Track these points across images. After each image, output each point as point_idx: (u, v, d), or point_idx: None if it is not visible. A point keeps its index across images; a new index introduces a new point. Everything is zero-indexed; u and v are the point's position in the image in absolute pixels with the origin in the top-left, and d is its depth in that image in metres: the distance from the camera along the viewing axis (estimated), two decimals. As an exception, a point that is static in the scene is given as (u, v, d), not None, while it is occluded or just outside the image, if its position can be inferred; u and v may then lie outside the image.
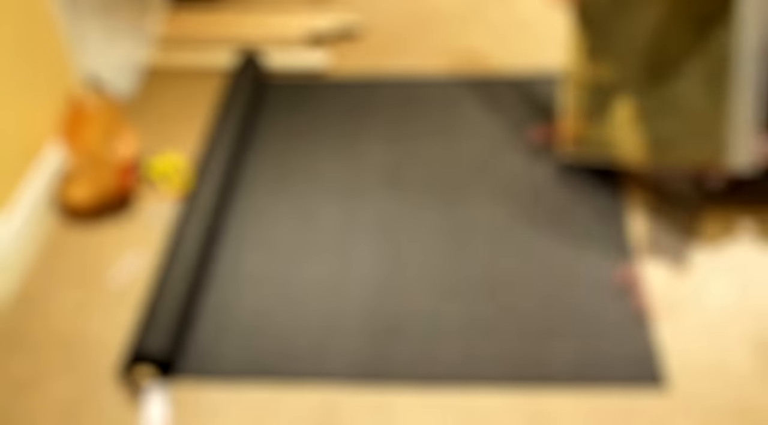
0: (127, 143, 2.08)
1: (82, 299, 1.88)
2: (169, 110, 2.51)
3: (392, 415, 1.59)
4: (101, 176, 2.02)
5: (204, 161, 2.14)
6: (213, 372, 1.69)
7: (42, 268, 1.96)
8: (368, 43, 2.77)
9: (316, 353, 1.72)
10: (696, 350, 1.69)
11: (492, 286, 1.84)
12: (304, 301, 1.84)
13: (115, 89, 2.56)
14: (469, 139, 2.30)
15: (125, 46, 2.70)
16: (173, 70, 2.70)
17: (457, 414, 1.59)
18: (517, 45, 2.69)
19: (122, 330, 1.80)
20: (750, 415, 1.56)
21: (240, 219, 2.07)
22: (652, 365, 1.65)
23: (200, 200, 2.00)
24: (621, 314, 1.75)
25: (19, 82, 2.00)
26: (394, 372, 1.67)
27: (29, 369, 1.72)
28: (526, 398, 1.61)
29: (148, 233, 2.05)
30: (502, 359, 1.68)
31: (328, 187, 2.16)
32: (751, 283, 1.82)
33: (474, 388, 1.63)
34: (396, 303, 1.82)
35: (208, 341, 1.76)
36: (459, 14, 2.89)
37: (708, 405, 1.58)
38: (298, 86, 2.57)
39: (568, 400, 1.60)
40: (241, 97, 2.38)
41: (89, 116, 1.98)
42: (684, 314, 1.76)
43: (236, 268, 1.93)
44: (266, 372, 1.68)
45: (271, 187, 2.17)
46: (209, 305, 1.84)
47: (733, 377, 1.63)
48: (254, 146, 2.32)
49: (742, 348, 1.68)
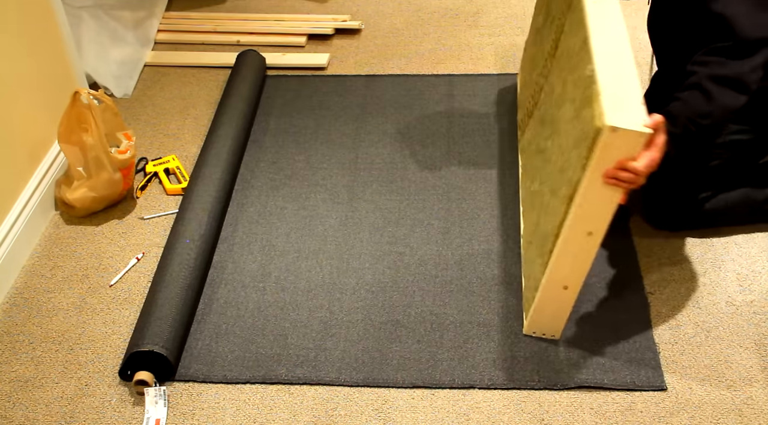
0: (127, 143, 2.08)
1: (82, 299, 1.88)
2: (169, 109, 2.51)
3: (393, 415, 1.59)
4: (101, 176, 2.02)
5: (204, 160, 2.13)
6: (212, 373, 1.69)
7: (42, 268, 1.96)
8: (368, 42, 2.77)
9: (315, 353, 1.72)
10: (696, 350, 1.69)
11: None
12: (304, 301, 1.84)
13: (115, 89, 2.56)
14: (467, 139, 2.30)
15: (125, 47, 2.70)
16: (173, 70, 2.70)
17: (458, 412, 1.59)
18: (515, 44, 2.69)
19: (122, 330, 1.80)
20: (750, 415, 1.56)
21: (240, 219, 2.07)
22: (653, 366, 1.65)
23: (200, 200, 2.00)
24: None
25: (20, 82, 2.00)
26: (394, 374, 1.67)
27: (29, 369, 1.72)
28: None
29: (147, 233, 2.05)
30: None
31: (329, 186, 2.15)
32: (751, 282, 1.83)
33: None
34: (401, 301, 1.82)
35: (208, 341, 1.75)
36: (458, 13, 2.89)
37: (708, 405, 1.58)
38: (298, 85, 2.57)
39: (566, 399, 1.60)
40: (240, 96, 2.37)
41: (89, 117, 1.98)
42: (684, 314, 1.76)
43: (236, 268, 1.93)
44: (265, 372, 1.68)
45: (272, 186, 2.17)
46: (209, 306, 1.84)
47: (734, 377, 1.63)
48: (254, 145, 2.32)
49: (742, 348, 1.68)
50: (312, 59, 2.67)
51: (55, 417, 1.62)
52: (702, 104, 1.55)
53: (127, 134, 2.10)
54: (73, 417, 1.62)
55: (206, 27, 2.87)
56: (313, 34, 2.82)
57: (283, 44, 2.78)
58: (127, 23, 2.76)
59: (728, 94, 1.55)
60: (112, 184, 2.05)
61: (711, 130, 1.58)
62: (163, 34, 2.86)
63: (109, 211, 2.11)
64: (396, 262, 1.92)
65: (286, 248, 1.98)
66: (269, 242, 2.00)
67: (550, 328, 1.69)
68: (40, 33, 2.09)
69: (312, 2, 3.02)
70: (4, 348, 1.77)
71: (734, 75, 1.55)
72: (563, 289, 1.60)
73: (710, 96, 1.55)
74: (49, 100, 2.13)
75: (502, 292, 1.83)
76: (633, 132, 1.37)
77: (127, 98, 2.56)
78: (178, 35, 2.86)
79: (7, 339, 1.79)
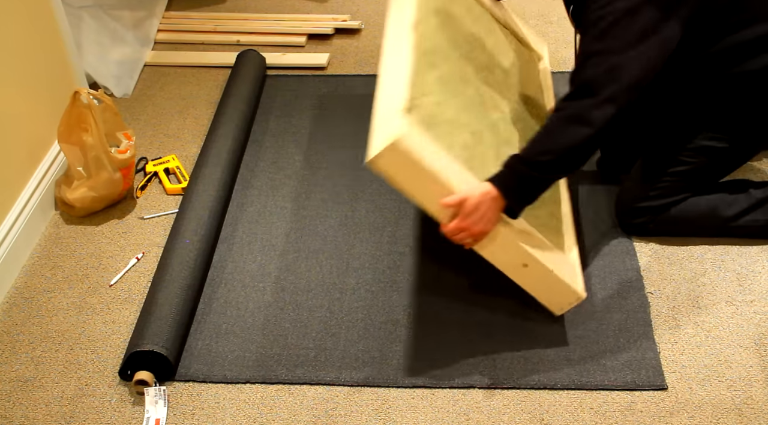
0: (127, 143, 2.07)
1: (82, 299, 1.88)
2: (169, 109, 2.51)
3: (393, 415, 1.59)
4: (101, 176, 2.02)
5: (204, 160, 2.13)
6: (212, 372, 1.69)
7: (42, 268, 1.96)
8: (368, 42, 2.77)
9: (315, 353, 1.72)
10: (696, 350, 1.69)
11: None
12: (304, 301, 1.84)
13: (115, 89, 2.56)
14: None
15: (125, 47, 2.70)
16: (173, 69, 2.70)
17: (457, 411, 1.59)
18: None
19: (122, 330, 1.80)
20: (750, 415, 1.56)
21: (240, 219, 2.07)
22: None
23: (200, 199, 2.00)
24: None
25: (20, 82, 2.00)
26: (394, 374, 1.67)
27: (29, 369, 1.72)
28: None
29: (147, 233, 2.05)
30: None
31: (329, 186, 2.15)
32: (751, 282, 1.83)
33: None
34: (401, 301, 1.82)
35: (208, 341, 1.75)
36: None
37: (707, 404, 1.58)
38: (298, 85, 2.57)
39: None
40: (240, 96, 2.37)
41: (89, 117, 1.98)
42: (684, 314, 1.76)
43: (236, 268, 1.93)
44: (265, 372, 1.68)
45: (272, 186, 2.17)
46: (209, 306, 1.84)
47: (734, 377, 1.63)
48: (254, 145, 2.32)
49: (742, 348, 1.69)
50: (312, 59, 2.67)
51: (55, 417, 1.62)
52: (543, 142, 1.57)
53: (127, 133, 2.10)
54: (73, 417, 1.62)
55: (206, 27, 2.87)
56: (313, 33, 2.82)
57: (283, 44, 2.78)
58: (127, 23, 2.76)
59: (570, 130, 1.55)
60: (112, 184, 2.05)
61: (560, 165, 1.58)
62: (163, 34, 2.86)
63: (109, 211, 2.11)
64: (396, 262, 1.92)
65: (286, 248, 1.98)
66: (269, 242, 2.00)
67: (567, 297, 1.67)
68: (40, 33, 2.09)
69: (312, 2, 3.02)
70: (4, 348, 1.77)
71: (575, 112, 1.55)
72: (524, 267, 1.62)
73: (551, 132, 1.57)
74: (49, 100, 2.13)
75: (501, 290, 1.83)
76: (387, 151, 1.43)
77: (127, 98, 2.56)
78: (178, 35, 2.86)
79: (7, 339, 1.79)
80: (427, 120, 1.55)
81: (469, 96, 1.74)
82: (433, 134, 1.54)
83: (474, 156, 1.63)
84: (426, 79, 1.63)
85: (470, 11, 1.99)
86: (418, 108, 1.55)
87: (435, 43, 1.74)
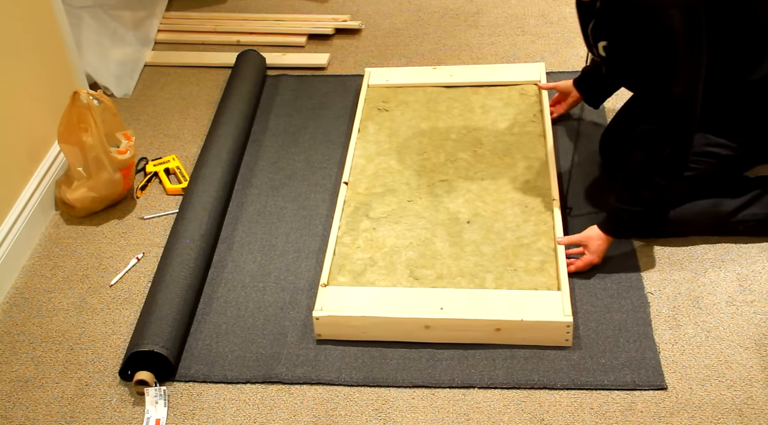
0: (127, 143, 2.08)
1: (82, 299, 1.88)
2: (169, 109, 2.51)
3: (393, 415, 1.59)
4: (101, 176, 2.02)
5: (204, 160, 2.13)
6: (212, 373, 1.69)
7: (42, 268, 1.96)
8: (368, 42, 2.77)
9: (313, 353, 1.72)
10: (695, 350, 1.69)
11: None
12: (304, 300, 1.83)
13: (115, 89, 2.56)
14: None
15: (125, 47, 2.70)
16: (173, 70, 2.70)
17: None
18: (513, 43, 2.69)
19: (122, 329, 1.80)
20: (750, 415, 1.56)
21: (240, 219, 2.07)
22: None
23: (200, 200, 2.00)
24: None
25: (20, 82, 2.00)
26: (394, 374, 1.67)
27: (29, 369, 1.72)
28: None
29: (147, 233, 2.05)
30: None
31: (329, 186, 2.15)
32: (751, 282, 1.83)
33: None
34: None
35: (208, 341, 1.75)
36: (458, 13, 2.89)
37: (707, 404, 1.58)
38: (298, 85, 2.57)
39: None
40: (240, 96, 2.37)
41: (89, 117, 1.98)
42: (684, 314, 1.76)
43: (236, 268, 1.93)
44: (265, 372, 1.68)
45: (272, 186, 2.17)
46: (209, 305, 1.84)
47: (734, 377, 1.63)
48: (254, 145, 2.32)
49: (742, 348, 1.68)
50: (312, 59, 2.67)
51: (55, 417, 1.62)
52: (634, 200, 1.75)
53: (127, 134, 2.10)
54: (73, 417, 1.62)
55: (206, 27, 2.87)
56: (313, 34, 2.82)
57: (283, 44, 2.78)
58: (127, 23, 2.77)
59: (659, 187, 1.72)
60: (112, 184, 2.05)
61: (657, 204, 1.77)
62: (163, 34, 2.86)
63: (109, 211, 2.12)
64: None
65: (286, 248, 1.98)
66: (269, 241, 2.00)
67: (558, 330, 1.67)
68: (40, 33, 2.09)
69: (312, 2, 3.02)
70: (4, 348, 1.77)
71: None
72: (497, 331, 1.68)
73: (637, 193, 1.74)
74: (49, 100, 2.13)
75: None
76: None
77: (127, 98, 2.56)
78: (178, 35, 2.86)
79: (7, 339, 1.79)
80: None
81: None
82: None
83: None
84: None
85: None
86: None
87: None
